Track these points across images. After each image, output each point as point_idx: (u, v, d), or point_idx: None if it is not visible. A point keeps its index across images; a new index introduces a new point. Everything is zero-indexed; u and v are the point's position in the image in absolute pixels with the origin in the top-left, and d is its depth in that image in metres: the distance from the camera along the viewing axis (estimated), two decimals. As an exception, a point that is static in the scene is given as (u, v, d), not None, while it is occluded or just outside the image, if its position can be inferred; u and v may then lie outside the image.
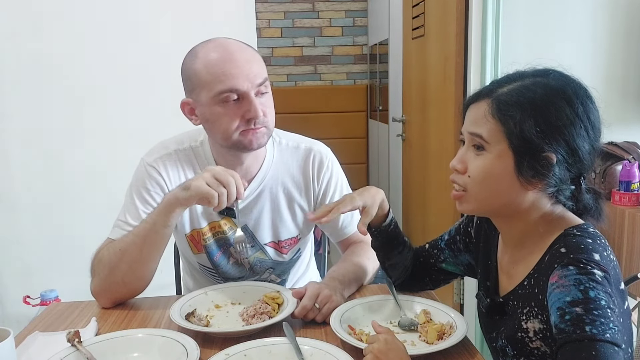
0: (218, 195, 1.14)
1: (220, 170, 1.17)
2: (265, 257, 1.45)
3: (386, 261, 1.27)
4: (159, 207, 1.23)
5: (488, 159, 0.95)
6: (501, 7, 2.27)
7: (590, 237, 0.91)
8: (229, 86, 1.20)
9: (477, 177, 0.96)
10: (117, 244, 1.27)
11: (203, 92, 1.23)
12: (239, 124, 1.23)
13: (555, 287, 0.86)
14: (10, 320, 2.37)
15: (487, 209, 1.02)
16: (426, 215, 3.07)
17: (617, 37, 2.33)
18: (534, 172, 0.92)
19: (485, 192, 0.97)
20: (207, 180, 1.15)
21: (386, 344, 0.93)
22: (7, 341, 0.93)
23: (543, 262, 0.94)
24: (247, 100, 1.22)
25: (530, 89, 0.93)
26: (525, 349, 0.95)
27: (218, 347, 1.05)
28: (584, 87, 0.96)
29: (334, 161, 1.47)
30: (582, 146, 0.92)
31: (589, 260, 0.86)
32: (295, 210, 1.44)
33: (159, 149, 1.38)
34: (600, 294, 0.82)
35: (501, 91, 0.95)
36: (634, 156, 2.24)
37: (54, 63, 2.29)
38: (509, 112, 0.92)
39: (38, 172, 2.35)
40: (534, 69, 0.98)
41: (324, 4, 4.89)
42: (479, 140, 0.95)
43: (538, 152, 0.91)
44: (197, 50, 1.25)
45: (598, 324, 0.79)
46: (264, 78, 1.24)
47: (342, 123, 4.94)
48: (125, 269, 1.25)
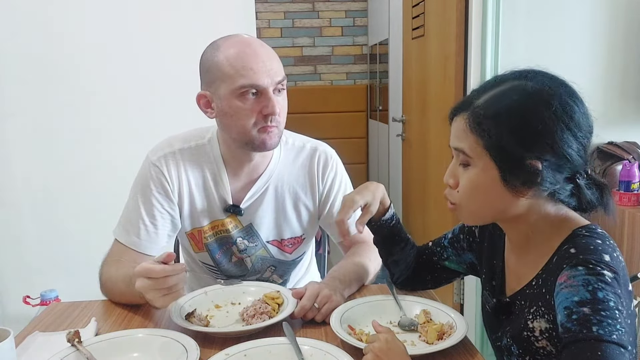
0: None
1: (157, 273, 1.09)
2: (267, 255, 1.46)
3: (388, 257, 1.27)
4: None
5: (474, 173, 0.95)
6: (501, 7, 2.27)
7: (600, 238, 0.90)
8: (251, 81, 1.21)
9: (466, 192, 0.97)
10: (112, 272, 1.30)
11: (223, 85, 1.23)
12: (256, 119, 1.25)
13: (563, 287, 0.85)
14: (10, 320, 2.37)
15: (483, 219, 1.02)
16: (426, 215, 3.07)
17: (616, 36, 2.33)
18: (522, 181, 0.91)
19: (475, 204, 0.97)
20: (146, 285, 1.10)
21: (386, 343, 0.92)
22: (7, 341, 0.93)
23: (551, 262, 0.93)
24: (266, 97, 1.23)
25: (506, 95, 0.92)
26: (531, 347, 0.95)
27: (218, 347, 1.05)
28: (564, 85, 0.93)
29: (338, 161, 1.48)
30: (569, 147, 0.89)
31: (598, 261, 0.85)
32: (300, 210, 1.44)
33: (164, 146, 1.38)
34: (609, 295, 0.81)
35: (477, 103, 0.93)
36: (634, 156, 2.24)
37: (55, 63, 2.30)
38: (484, 126, 0.91)
39: (38, 172, 2.35)
40: (513, 72, 0.96)
41: (324, 4, 4.89)
42: (463, 156, 0.95)
43: (521, 160, 0.90)
44: (219, 44, 1.26)
45: (605, 325, 0.79)
46: (282, 76, 1.26)
47: (342, 123, 4.95)
48: (118, 297, 1.30)
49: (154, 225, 1.35)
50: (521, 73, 0.95)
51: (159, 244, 1.37)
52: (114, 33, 2.30)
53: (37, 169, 2.35)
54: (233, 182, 1.38)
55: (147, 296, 1.10)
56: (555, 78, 0.94)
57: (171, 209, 1.36)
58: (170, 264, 1.09)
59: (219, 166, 1.37)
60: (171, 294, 1.10)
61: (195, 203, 1.38)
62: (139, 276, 1.10)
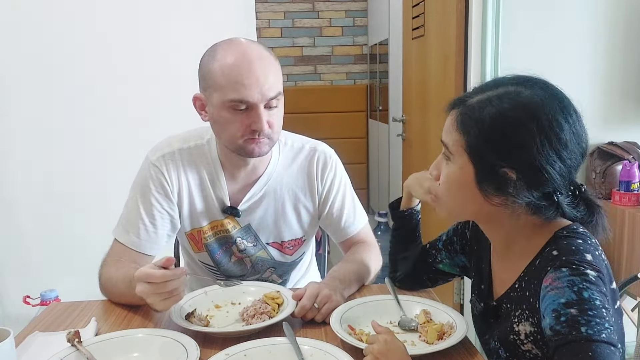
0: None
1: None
2: (267, 256, 1.46)
3: (402, 253, 1.29)
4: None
5: (452, 169, 0.96)
6: (501, 7, 2.27)
7: (581, 238, 0.90)
8: (240, 96, 1.20)
9: (444, 185, 0.98)
10: (111, 272, 1.30)
11: (215, 95, 1.23)
12: (243, 132, 1.24)
13: (549, 290, 0.85)
14: (10, 320, 2.38)
15: (458, 216, 1.05)
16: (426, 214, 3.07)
17: (617, 36, 2.33)
18: (495, 187, 0.91)
19: (451, 200, 0.98)
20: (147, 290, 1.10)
21: (386, 344, 0.92)
22: (7, 341, 0.93)
23: (534, 265, 0.93)
24: (256, 112, 1.22)
25: (497, 100, 0.90)
26: (517, 351, 0.95)
27: (218, 347, 1.05)
28: (559, 100, 0.90)
29: (338, 162, 1.47)
30: (549, 164, 0.87)
31: (581, 261, 0.85)
32: (300, 211, 1.44)
33: (164, 146, 1.38)
34: (595, 294, 0.82)
35: (470, 102, 0.93)
36: (634, 156, 2.24)
37: (55, 62, 2.29)
38: (469, 126, 0.92)
39: (38, 171, 2.35)
40: (514, 76, 0.95)
41: (324, 4, 4.90)
42: (446, 150, 0.96)
43: (495, 167, 0.90)
44: (216, 51, 1.23)
45: (593, 325, 0.79)
46: (276, 92, 1.23)
47: (342, 123, 4.95)
48: (118, 298, 1.30)
49: (154, 225, 1.35)
50: (520, 79, 0.94)
51: (158, 244, 1.37)
52: (114, 32, 2.30)
53: (37, 168, 2.35)
54: (231, 183, 1.38)
55: (148, 300, 1.10)
56: (553, 90, 0.92)
57: (170, 209, 1.36)
58: (170, 268, 1.09)
59: (216, 168, 1.36)
60: (172, 298, 1.11)
61: (194, 203, 1.38)
62: (139, 281, 1.10)
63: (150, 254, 1.36)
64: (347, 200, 1.47)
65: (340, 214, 1.46)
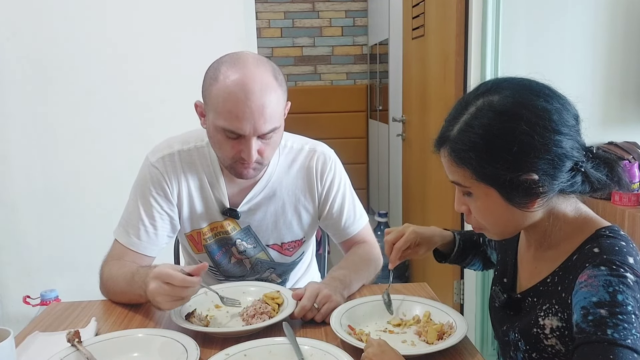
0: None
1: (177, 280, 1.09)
2: (267, 258, 1.46)
3: (464, 263, 1.33)
4: (138, 274, 1.20)
5: (478, 200, 0.95)
6: (501, 7, 2.27)
7: (624, 240, 0.89)
8: (232, 128, 1.18)
9: (482, 217, 0.97)
10: (113, 270, 1.30)
11: (211, 114, 1.21)
12: (234, 155, 1.23)
13: (582, 286, 0.84)
14: (10, 320, 2.38)
15: (511, 234, 1.02)
16: (426, 215, 3.07)
17: (617, 36, 2.33)
18: (524, 195, 0.90)
19: (497, 226, 0.98)
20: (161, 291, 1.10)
21: (379, 346, 0.94)
22: (7, 341, 0.93)
23: (571, 260, 0.92)
24: (247, 143, 1.20)
25: (475, 120, 0.89)
26: (539, 345, 0.95)
27: (218, 347, 1.05)
28: (529, 89, 0.90)
29: (337, 162, 1.47)
30: (558, 146, 0.87)
31: (622, 263, 0.84)
32: (300, 213, 1.44)
33: (164, 147, 1.38)
34: (628, 299, 0.80)
35: (452, 135, 0.93)
36: (634, 156, 2.24)
37: (55, 63, 2.29)
38: (466, 158, 0.91)
39: (38, 172, 2.35)
40: (476, 88, 0.94)
41: (324, 4, 4.90)
42: (462, 187, 0.96)
43: (515, 179, 0.88)
44: (219, 69, 1.19)
45: (621, 329, 0.78)
46: (271, 128, 1.20)
47: (342, 123, 4.95)
48: (118, 295, 1.30)
49: (154, 226, 1.35)
50: (483, 89, 0.93)
51: (158, 245, 1.37)
52: (114, 33, 2.30)
53: (37, 168, 2.35)
54: (230, 185, 1.37)
55: (157, 299, 1.10)
56: (518, 83, 0.91)
57: (170, 211, 1.36)
58: (195, 277, 1.09)
59: (215, 169, 1.36)
60: (180, 301, 1.12)
61: (194, 205, 1.38)
62: (156, 278, 1.10)
63: (151, 255, 1.36)
64: (347, 201, 1.47)
65: (340, 215, 1.46)
